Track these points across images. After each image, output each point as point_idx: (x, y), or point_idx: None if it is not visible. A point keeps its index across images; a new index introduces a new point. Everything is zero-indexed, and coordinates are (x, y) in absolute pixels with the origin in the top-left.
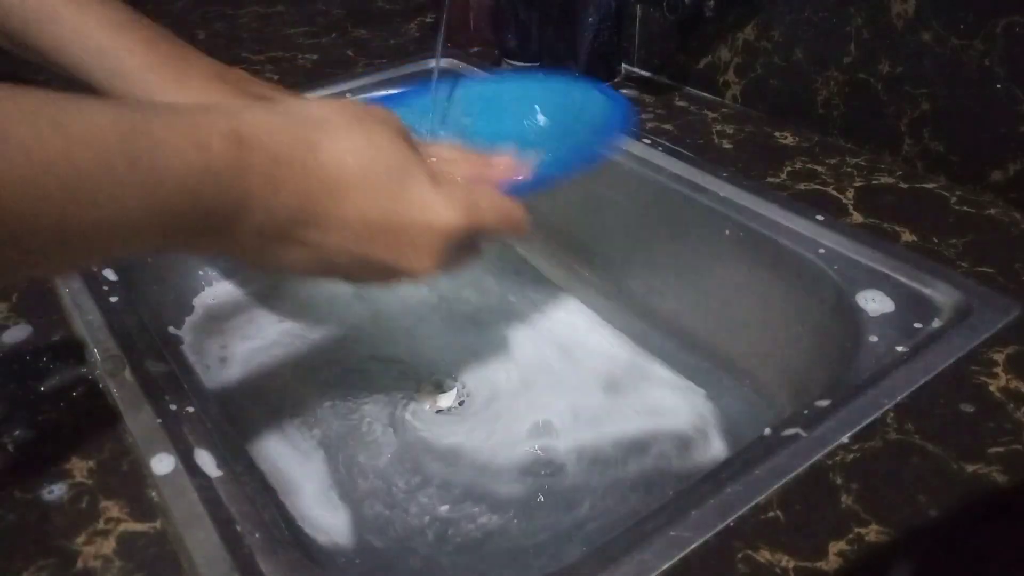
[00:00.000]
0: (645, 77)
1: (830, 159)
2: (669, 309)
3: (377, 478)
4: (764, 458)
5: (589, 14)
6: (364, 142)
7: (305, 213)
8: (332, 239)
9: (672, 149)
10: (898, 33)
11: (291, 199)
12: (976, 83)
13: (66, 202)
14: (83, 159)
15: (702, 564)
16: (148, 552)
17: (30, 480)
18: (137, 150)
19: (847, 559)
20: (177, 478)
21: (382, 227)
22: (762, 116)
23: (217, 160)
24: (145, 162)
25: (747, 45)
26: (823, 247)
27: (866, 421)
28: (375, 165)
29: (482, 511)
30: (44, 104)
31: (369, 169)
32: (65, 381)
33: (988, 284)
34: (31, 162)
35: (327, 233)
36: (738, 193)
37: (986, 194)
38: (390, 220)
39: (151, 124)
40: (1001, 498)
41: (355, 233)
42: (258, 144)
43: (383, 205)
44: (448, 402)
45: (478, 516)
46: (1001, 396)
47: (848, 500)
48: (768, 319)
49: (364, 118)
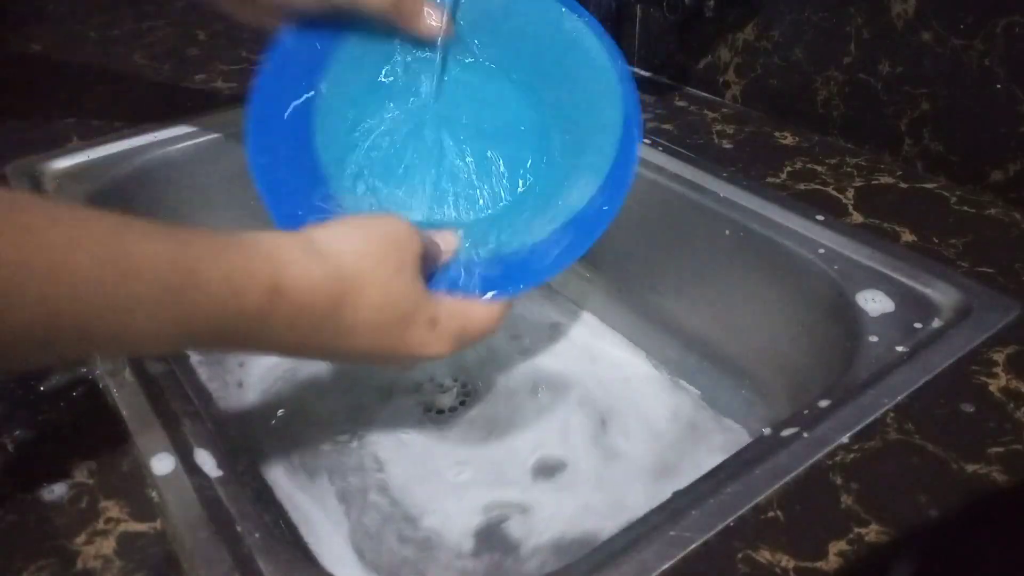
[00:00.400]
0: (645, 77)
1: (830, 159)
2: (669, 309)
3: (378, 478)
4: (764, 458)
5: None
6: (382, 296)
7: (310, 348)
8: (331, 360)
9: (672, 149)
10: (898, 33)
11: (302, 340)
12: (976, 83)
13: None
14: (134, 289)
15: (702, 564)
16: (148, 552)
17: (30, 480)
18: (181, 287)
19: (847, 559)
20: (177, 478)
21: (378, 359)
22: (762, 116)
23: (250, 307)
24: (186, 298)
25: (747, 45)
26: (823, 247)
27: (866, 421)
28: (388, 316)
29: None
30: (109, 236)
31: (381, 320)
32: (65, 381)
33: (988, 284)
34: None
35: (328, 357)
36: (738, 193)
37: (986, 194)
38: (386, 355)
39: (200, 263)
40: (1001, 498)
41: (351, 360)
42: (291, 299)
43: (384, 344)
44: (449, 402)
45: (478, 516)
46: (1001, 396)
47: (848, 500)
48: (768, 319)
49: (391, 254)
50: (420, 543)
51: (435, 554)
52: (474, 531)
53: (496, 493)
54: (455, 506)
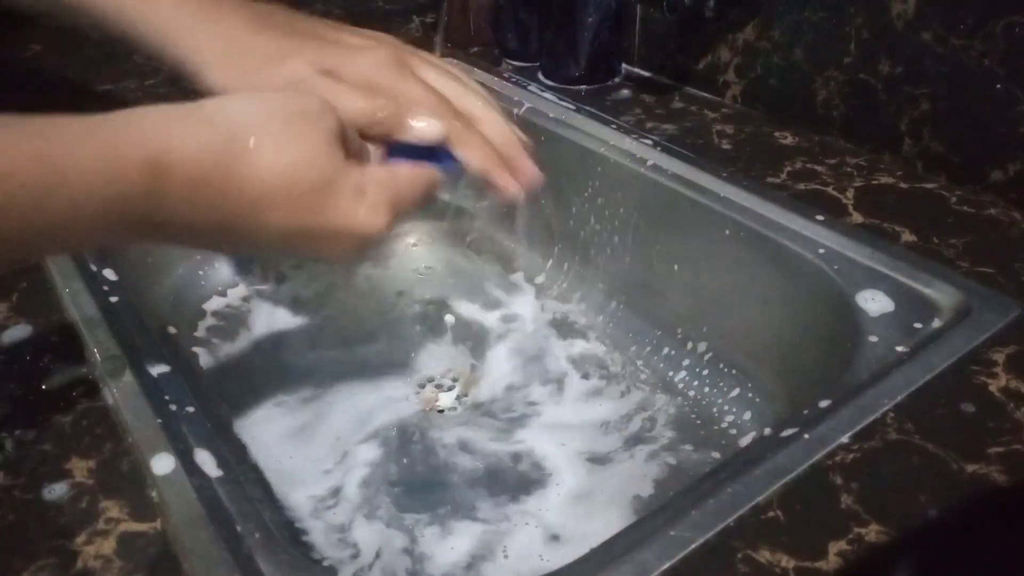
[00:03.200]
0: (645, 77)
1: (830, 159)
2: (668, 309)
3: (378, 479)
4: (764, 458)
5: (589, 14)
6: (289, 158)
7: (225, 227)
8: (257, 243)
9: (672, 149)
10: (898, 33)
11: (209, 217)
12: (976, 83)
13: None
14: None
15: (702, 564)
16: (148, 552)
17: (30, 480)
18: (44, 187)
19: (847, 559)
20: (177, 478)
21: (305, 236)
22: (762, 116)
23: (132, 190)
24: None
25: (747, 45)
26: (823, 247)
27: (866, 421)
28: (298, 182)
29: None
30: None
31: (291, 187)
32: (65, 381)
33: (988, 284)
34: None
35: (251, 240)
36: (738, 193)
37: (986, 194)
38: (312, 231)
39: (66, 152)
40: (1001, 498)
41: (278, 240)
42: (176, 171)
43: (305, 219)
44: (448, 401)
45: (480, 514)
46: (1001, 396)
47: (848, 500)
48: (768, 319)
49: (295, 121)
50: (420, 542)
51: (436, 556)
52: (477, 536)
53: (500, 499)
54: (459, 509)
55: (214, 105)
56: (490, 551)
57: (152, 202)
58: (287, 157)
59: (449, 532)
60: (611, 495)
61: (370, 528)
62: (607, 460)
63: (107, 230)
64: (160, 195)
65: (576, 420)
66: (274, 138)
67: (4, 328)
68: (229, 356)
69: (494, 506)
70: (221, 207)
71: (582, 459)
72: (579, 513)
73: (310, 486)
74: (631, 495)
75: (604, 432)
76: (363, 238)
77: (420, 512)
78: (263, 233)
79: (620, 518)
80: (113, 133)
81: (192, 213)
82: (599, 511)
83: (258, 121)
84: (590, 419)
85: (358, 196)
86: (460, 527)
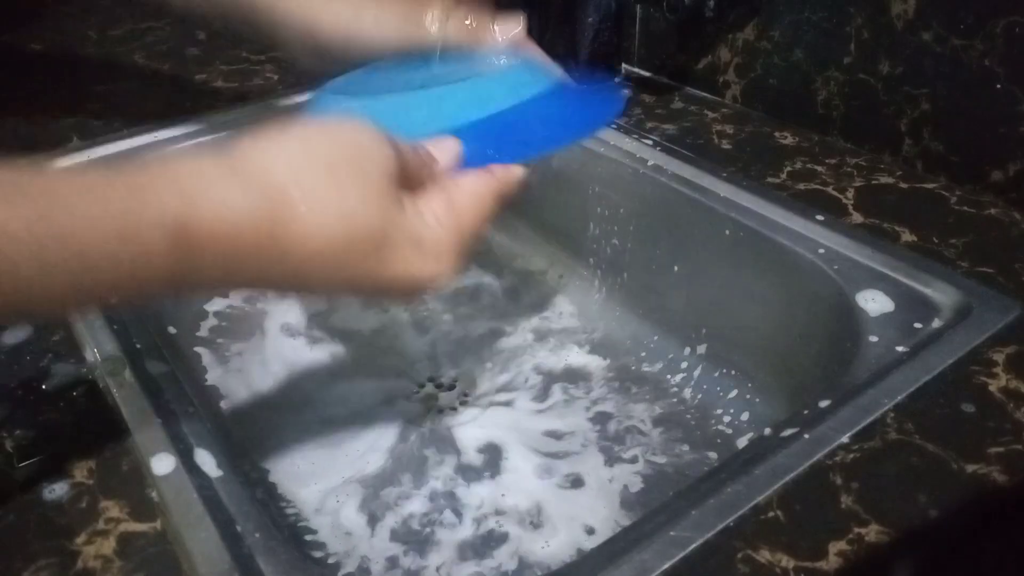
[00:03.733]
0: (645, 77)
1: (830, 159)
2: (668, 309)
3: (379, 477)
4: (764, 458)
5: (589, 14)
6: (334, 214)
7: (270, 285)
8: (307, 294)
9: (672, 149)
10: (898, 33)
11: (251, 278)
12: (976, 83)
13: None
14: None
15: (702, 564)
16: (148, 552)
17: (30, 480)
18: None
19: (847, 559)
20: (177, 478)
21: (359, 289)
22: (762, 116)
23: (158, 260)
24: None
25: (747, 45)
26: (823, 247)
27: (866, 421)
28: (347, 239)
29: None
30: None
31: (339, 246)
32: (65, 381)
33: (988, 284)
34: None
35: (299, 292)
36: (738, 193)
37: (986, 194)
38: (367, 285)
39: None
40: (1001, 498)
41: (329, 292)
42: (204, 237)
43: (358, 274)
44: (448, 401)
45: (481, 519)
46: (1001, 396)
47: (848, 500)
48: (768, 319)
49: (340, 167)
50: (421, 542)
51: (436, 554)
52: (476, 532)
53: (497, 495)
54: (457, 505)
55: (245, 155)
56: (493, 546)
57: (181, 267)
58: (332, 213)
59: (451, 525)
60: (610, 495)
61: (371, 527)
62: (606, 460)
63: (139, 289)
64: (188, 260)
65: (575, 420)
66: (317, 192)
67: (4, 328)
68: (230, 356)
69: (494, 504)
70: (263, 271)
71: (581, 459)
72: (575, 511)
73: (311, 485)
74: (631, 495)
75: (603, 432)
76: (424, 286)
77: (423, 509)
78: (312, 287)
79: (617, 518)
80: (133, 197)
81: (229, 277)
82: (596, 510)
83: (298, 172)
84: (588, 419)
85: (415, 247)
86: (461, 522)
